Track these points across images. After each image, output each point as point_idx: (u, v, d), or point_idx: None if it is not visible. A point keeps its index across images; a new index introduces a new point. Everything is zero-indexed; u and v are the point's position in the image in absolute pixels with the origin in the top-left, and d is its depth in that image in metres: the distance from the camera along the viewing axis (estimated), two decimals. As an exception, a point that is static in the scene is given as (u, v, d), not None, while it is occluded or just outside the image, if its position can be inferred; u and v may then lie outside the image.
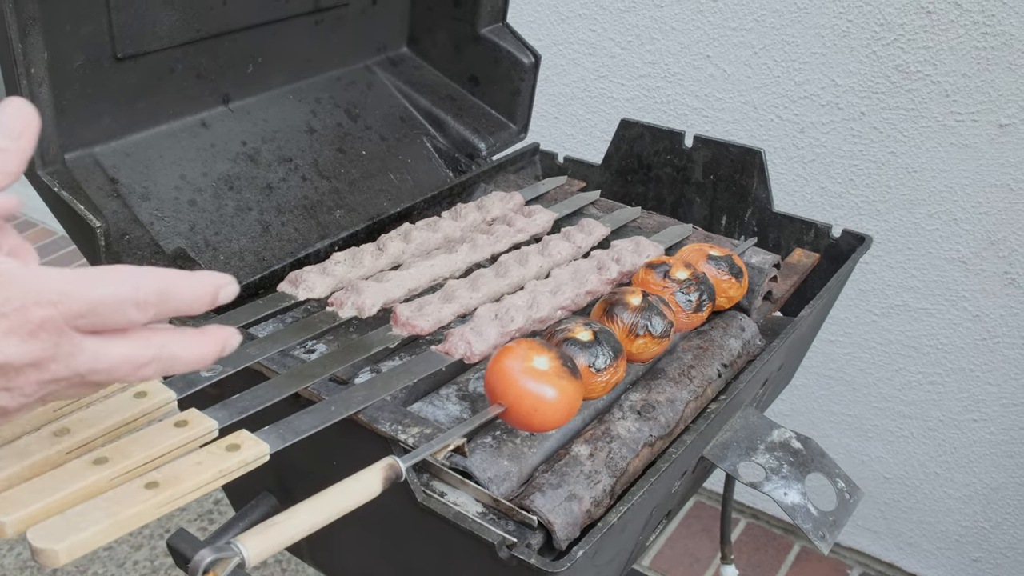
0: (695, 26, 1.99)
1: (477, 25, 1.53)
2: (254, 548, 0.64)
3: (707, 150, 1.42)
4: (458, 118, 1.57)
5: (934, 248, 1.89)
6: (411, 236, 1.18)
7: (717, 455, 1.04)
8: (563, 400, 0.87)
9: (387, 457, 0.77)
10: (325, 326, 1.02)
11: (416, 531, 0.90)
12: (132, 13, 1.14)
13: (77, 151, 1.16)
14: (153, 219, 1.20)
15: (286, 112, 1.41)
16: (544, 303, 1.05)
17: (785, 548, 2.37)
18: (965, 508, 2.10)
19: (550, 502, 0.85)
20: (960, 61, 1.73)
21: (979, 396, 1.97)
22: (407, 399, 1.01)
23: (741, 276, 1.15)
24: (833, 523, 1.03)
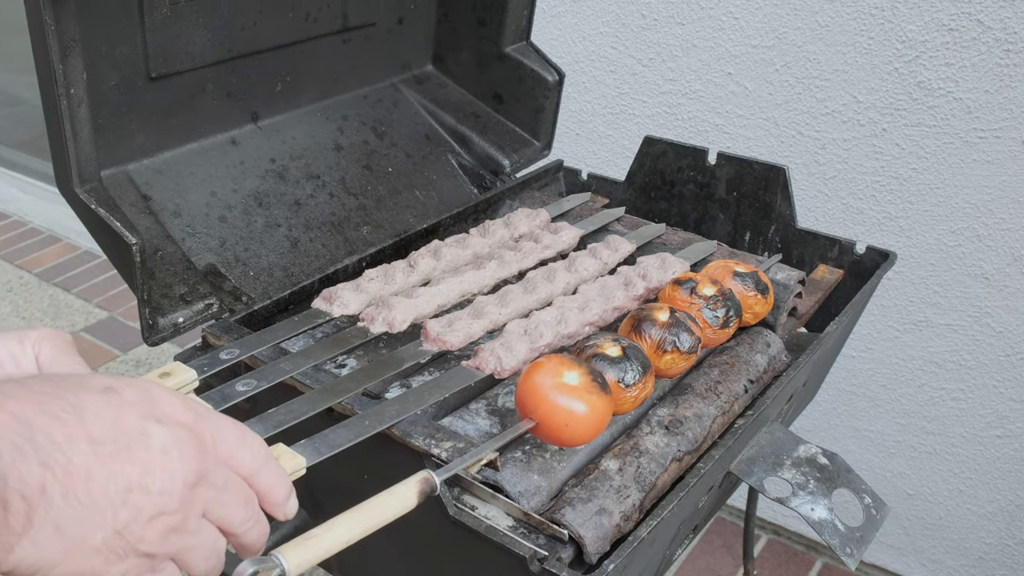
0: (716, 43, 2.00)
1: (501, 43, 1.55)
2: (294, 560, 0.65)
3: (730, 167, 1.43)
4: (483, 135, 1.59)
5: (957, 264, 1.89)
6: (441, 253, 1.19)
7: (744, 470, 1.04)
8: (593, 415, 0.88)
9: (422, 471, 0.78)
10: (356, 341, 1.03)
11: (447, 545, 0.91)
12: (166, 34, 1.17)
13: (111, 168, 1.19)
14: (185, 235, 1.22)
15: (314, 130, 1.43)
16: (572, 319, 1.06)
17: (807, 564, 2.36)
18: (989, 525, 2.08)
19: (580, 516, 0.86)
20: (982, 78, 1.73)
21: (1003, 412, 1.96)
22: (437, 413, 1.02)
23: (767, 292, 1.16)
24: (860, 539, 1.04)
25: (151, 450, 0.57)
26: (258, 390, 0.91)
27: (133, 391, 0.59)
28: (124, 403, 0.57)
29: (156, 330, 1.13)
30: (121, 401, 0.57)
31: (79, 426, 0.54)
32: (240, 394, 0.89)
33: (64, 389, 0.56)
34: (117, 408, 0.57)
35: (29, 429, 0.52)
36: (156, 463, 0.57)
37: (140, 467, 0.56)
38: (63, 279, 3.32)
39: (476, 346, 1.02)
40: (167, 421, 0.59)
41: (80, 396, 0.56)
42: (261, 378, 0.92)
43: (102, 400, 0.56)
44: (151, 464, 0.57)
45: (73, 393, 0.55)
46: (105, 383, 0.58)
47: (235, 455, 0.63)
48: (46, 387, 0.55)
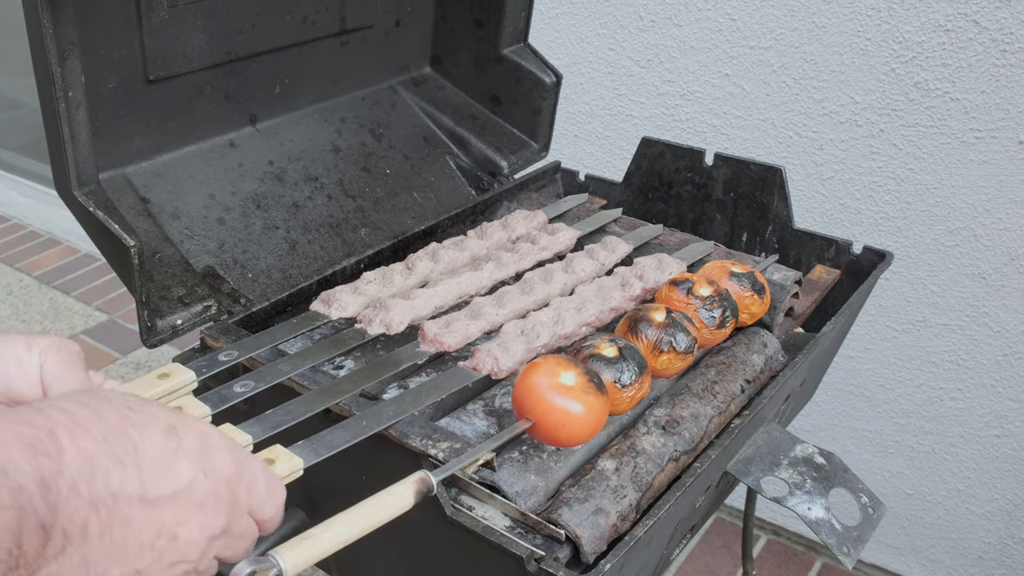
0: (714, 45, 2.01)
1: (499, 45, 1.55)
2: (291, 560, 0.65)
3: (727, 168, 1.43)
4: (480, 137, 1.59)
5: (954, 264, 1.89)
6: (438, 255, 1.20)
7: (741, 470, 1.05)
8: (590, 415, 0.89)
9: (419, 471, 0.78)
10: (354, 343, 1.03)
11: (445, 545, 0.91)
12: (164, 37, 1.17)
13: (110, 171, 1.19)
14: (183, 237, 1.22)
15: (312, 132, 1.43)
16: (569, 320, 1.07)
17: (807, 565, 2.36)
18: (988, 524, 2.09)
19: (577, 516, 0.86)
20: (979, 78, 1.74)
21: (1001, 412, 1.96)
22: (434, 414, 1.03)
23: (763, 293, 1.16)
24: (857, 538, 1.04)
25: (191, 503, 0.60)
26: (256, 391, 0.91)
27: (193, 437, 0.61)
28: (181, 449, 0.60)
29: (155, 332, 1.13)
30: (179, 447, 0.60)
31: (135, 470, 0.57)
32: (238, 395, 0.89)
33: (130, 426, 0.58)
34: (174, 455, 0.59)
35: (93, 471, 0.54)
36: (191, 516, 0.60)
37: (175, 517, 0.59)
38: (63, 282, 3.33)
39: (473, 347, 1.02)
40: (212, 474, 0.61)
41: (144, 435, 0.58)
42: (259, 379, 0.93)
43: (163, 443, 0.59)
44: (186, 516, 0.59)
45: (138, 431, 0.58)
46: (170, 421, 0.60)
47: (260, 507, 0.66)
48: (115, 418, 0.57)
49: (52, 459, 0.53)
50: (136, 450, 0.57)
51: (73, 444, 0.54)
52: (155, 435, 0.59)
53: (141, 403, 0.61)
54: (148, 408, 0.61)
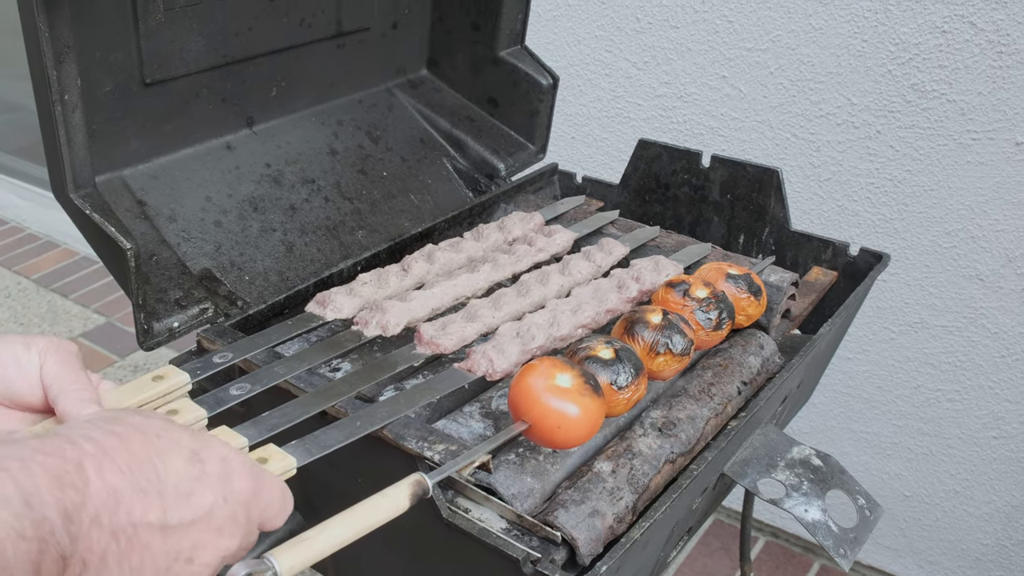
0: (711, 47, 2.01)
1: (496, 48, 1.55)
2: (286, 562, 0.65)
3: (724, 170, 1.43)
4: (477, 139, 1.59)
5: (952, 265, 1.89)
6: (435, 257, 1.20)
7: (737, 472, 1.05)
8: (586, 417, 0.89)
9: (414, 474, 0.78)
10: (350, 345, 1.03)
11: (441, 547, 0.91)
12: (160, 40, 1.17)
13: (106, 174, 1.19)
14: (180, 240, 1.22)
15: (309, 134, 1.43)
16: (565, 322, 1.07)
17: (805, 566, 2.36)
18: (986, 526, 2.09)
19: (573, 518, 0.86)
20: (976, 80, 1.74)
21: (999, 413, 1.96)
22: (431, 416, 1.03)
23: (760, 294, 1.16)
24: (854, 540, 1.04)
25: (210, 528, 0.61)
26: (252, 394, 0.91)
27: (215, 463, 0.62)
28: (204, 475, 0.61)
29: (151, 335, 1.13)
30: (201, 473, 0.61)
31: (157, 499, 0.58)
32: (234, 398, 0.89)
33: (155, 455, 0.59)
34: (196, 482, 0.60)
35: (116, 503, 0.55)
36: (209, 540, 0.61)
37: (194, 542, 0.60)
38: (61, 285, 3.33)
39: (468, 348, 1.02)
40: (232, 499, 0.62)
41: (168, 463, 0.59)
42: (255, 382, 0.93)
43: (185, 470, 0.60)
44: (204, 540, 0.61)
45: (162, 460, 0.59)
46: (193, 448, 0.61)
47: (271, 522, 0.68)
48: (141, 447, 0.58)
49: (78, 491, 0.53)
50: (159, 478, 0.58)
51: (99, 476, 0.55)
52: (178, 462, 0.60)
53: (167, 428, 0.61)
54: (173, 434, 0.61)
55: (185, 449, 0.61)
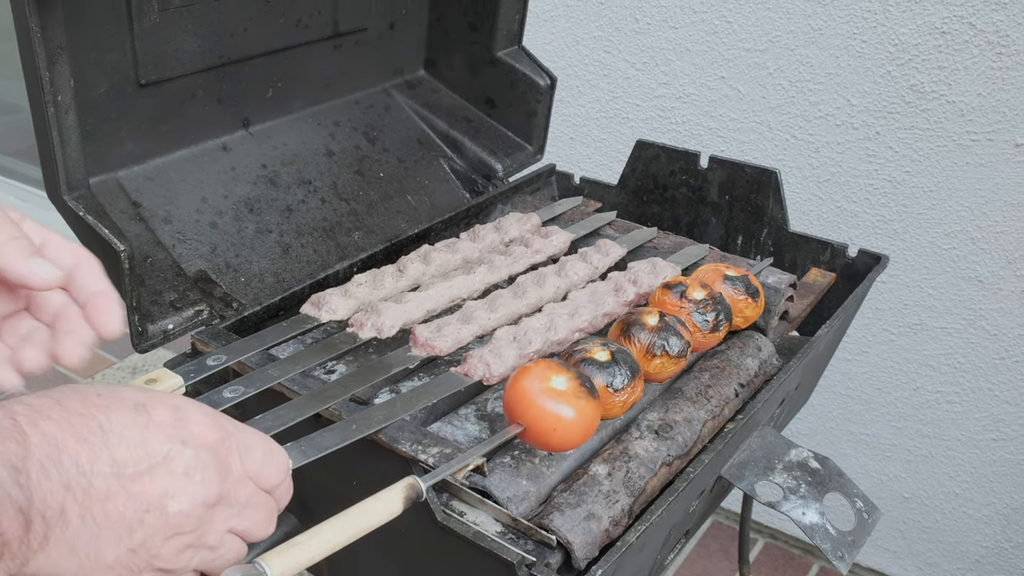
0: (709, 47, 2.00)
1: (493, 48, 1.55)
2: (278, 567, 0.65)
3: (723, 171, 1.43)
4: (475, 140, 1.59)
5: (951, 267, 1.89)
6: (430, 257, 1.19)
7: (735, 475, 1.04)
8: (581, 420, 0.88)
9: (408, 477, 0.78)
10: (345, 347, 1.03)
11: (436, 550, 0.90)
12: (155, 40, 1.17)
13: (101, 176, 1.18)
14: (175, 242, 1.22)
15: (305, 135, 1.43)
16: (562, 326, 1.06)
17: (804, 568, 2.36)
18: (985, 528, 2.08)
19: (569, 521, 0.86)
20: (975, 81, 1.73)
21: (998, 415, 1.96)
22: (426, 419, 1.02)
23: (757, 296, 1.16)
24: (852, 543, 1.03)
25: (173, 473, 0.59)
26: (246, 396, 0.91)
27: (163, 410, 0.60)
28: (152, 423, 0.59)
29: (146, 337, 1.12)
30: (149, 421, 0.59)
31: (104, 448, 0.56)
32: (228, 400, 0.89)
33: (95, 408, 0.57)
34: (144, 429, 0.58)
35: (57, 451, 0.54)
36: (177, 486, 0.59)
37: (160, 489, 0.58)
38: (59, 286, 3.32)
39: (465, 352, 1.02)
40: (193, 442, 0.60)
41: (110, 415, 0.57)
42: (249, 384, 0.92)
43: (131, 420, 0.58)
44: (172, 487, 0.59)
45: (103, 413, 0.57)
46: (137, 399, 0.60)
47: (261, 472, 0.66)
48: (77, 403, 0.57)
49: (19, 444, 0.52)
50: (103, 430, 0.56)
51: (35, 429, 0.54)
52: (122, 414, 0.58)
53: (109, 388, 0.60)
54: (116, 391, 0.60)
55: (129, 401, 0.59)
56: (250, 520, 0.65)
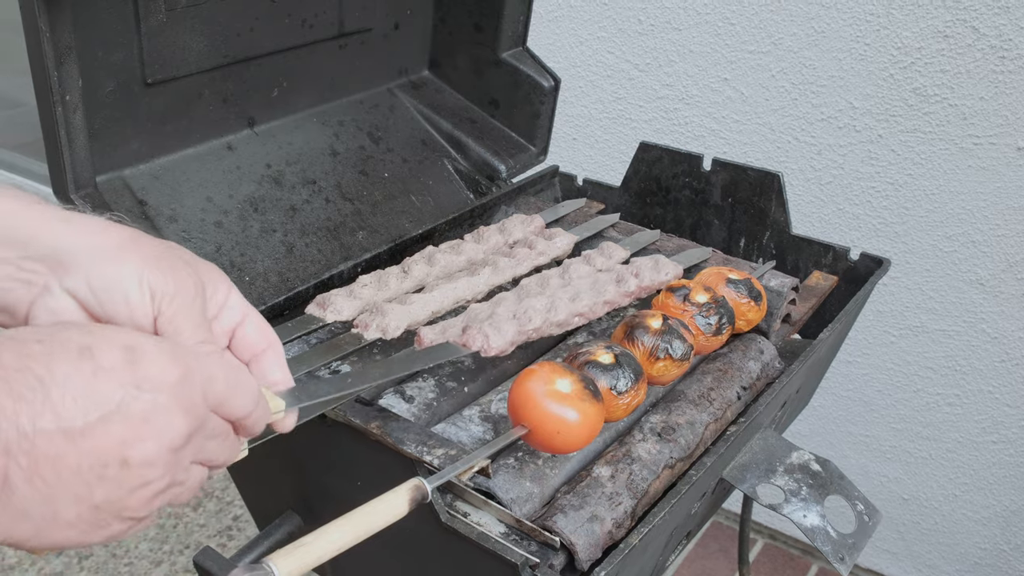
0: (713, 49, 2.01)
1: (498, 49, 1.55)
2: (285, 568, 0.65)
3: (725, 173, 1.43)
4: (479, 140, 1.59)
5: (952, 270, 1.89)
6: (435, 259, 1.20)
7: (736, 477, 1.05)
8: (585, 422, 0.89)
9: (413, 478, 0.78)
10: (350, 347, 1.03)
11: (440, 551, 0.91)
12: (162, 40, 1.17)
13: (107, 174, 1.19)
14: (180, 240, 1.22)
15: (310, 135, 1.43)
16: (562, 308, 1.07)
17: (803, 569, 2.36)
18: (984, 530, 2.09)
19: (572, 523, 0.86)
20: (977, 85, 1.74)
21: (998, 418, 1.96)
22: (430, 420, 1.03)
23: (760, 299, 1.16)
24: (852, 545, 1.04)
25: (130, 420, 0.53)
26: (251, 396, 0.91)
27: (112, 352, 0.54)
28: (99, 369, 0.53)
29: (151, 335, 1.13)
30: (96, 368, 0.53)
31: (45, 404, 0.50)
32: (233, 400, 0.89)
33: (31, 359, 0.51)
34: (91, 377, 0.52)
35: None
36: (135, 434, 0.53)
37: (116, 440, 0.53)
38: (61, 281, 3.32)
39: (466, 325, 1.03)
40: (149, 385, 0.54)
41: (51, 366, 0.51)
42: (255, 384, 0.92)
43: (74, 368, 0.52)
44: (130, 436, 0.53)
45: (42, 364, 0.51)
46: (82, 342, 0.53)
47: (227, 402, 0.60)
48: (12, 358, 0.51)
49: None
50: (42, 383, 0.51)
51: None
52: (64, 363, 0.52)
53: (50, 331, 0.54)
54: (57, 333, 0.54)
55: (72, 346, 0.53)
56: (215, 452, 0.60)
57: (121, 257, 0.61)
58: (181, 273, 0.63)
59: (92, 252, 0.61)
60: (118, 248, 0.62)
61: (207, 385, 0.58)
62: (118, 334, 0.55)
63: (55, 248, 0.61)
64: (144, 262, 0.62)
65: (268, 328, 0.72)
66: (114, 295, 0.60)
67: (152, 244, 0.64)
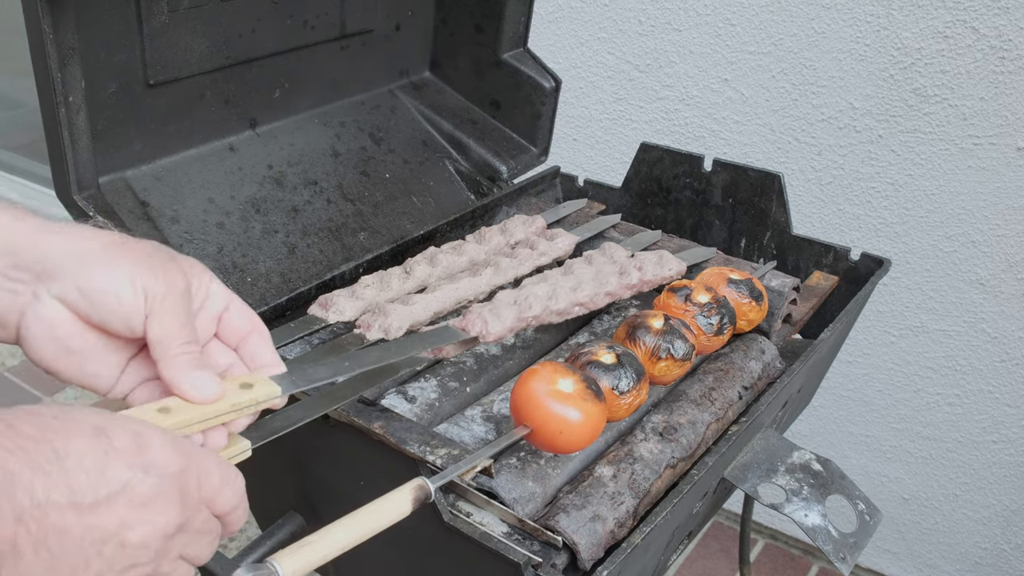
0: (713, 50, 2.01)
1: (499, 50, 1.56)
2: (289, 567, 0.66)
3: (726, 174, 1.44)
4: (480, 141, 1.59)
5: (952, 270, 1.90)
6: (437, 259, 1.20)
7: (738, 476, 1.05)
8: (587, 422, 0.89)
9: (417, 478, 0.78)
10: (353, 348, 1.03)
11: (442, 551, 0.91)
12: (164, 42, 1.17)
13: (110, 175, 1.19)
14: (183, 241, 1.22)
15: (311, 136, 1.43)
16: (563, 297, 1.07)
17: (804, 569, 2.37)
18: (984, 530, 2.09)
19: (574, 523, 0.87)
20: (977, 85, 1.74)
21: (998, 418, 1.97)
22: (433, 420, 1.03)
23: (761, 299, 1.17)
24: (853, 545, 1.04)
25: (132, 503, 0.56)
26: (255, 397, 0.91)
27: (124, 435, 0.57)
28: (112, 449, 0.56)
29: (154, 336, 1.13)
30: (109, 447, 0.56)
31: (60, 477, 0.53)
32: (237, 401, 0.89)
33: (52, 433, 0.54)
34: (103, 456, 0.55)
35: (11, 483, 0.51)
36: (136, 517, 0.56)
37: (118, 520, 0.56)
38: (62, 283, 3.32)
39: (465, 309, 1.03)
40: (154, 470, 0.58)
41: (68, 442, 0.54)
42: (258, 385, 0.93)
43: (89, 446, 0.55)
44: (130, 518, 0.56)
45: (61, 438, 0.54)
46: (96, 423, 0.57)
47: (216, 498, 0.63)
48: (32, 429, 0.54)
49: None
50: (59, 457, 0.53)
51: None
52: (80, 440, 0.55)
53: (66, 411, 0.57)
54: (72, 414, 0.57)
55: (87, 425, 0.56)
56: (201, 546, 0.63)
57: (111, 260, 0.64)
58: (171, 272, 0.67)
59: (81, 257, 0.64)
60: (107, 251, 0.65)
61: (203, 478, 0.61)
62: (128, 422, 0.59)
63: (42, 257, 0.64)
64: (135, 263, 0.65)
65: (252, 313, 0.74)
66: (107, 297, 0.64)
67: (139, 245, 0.67)
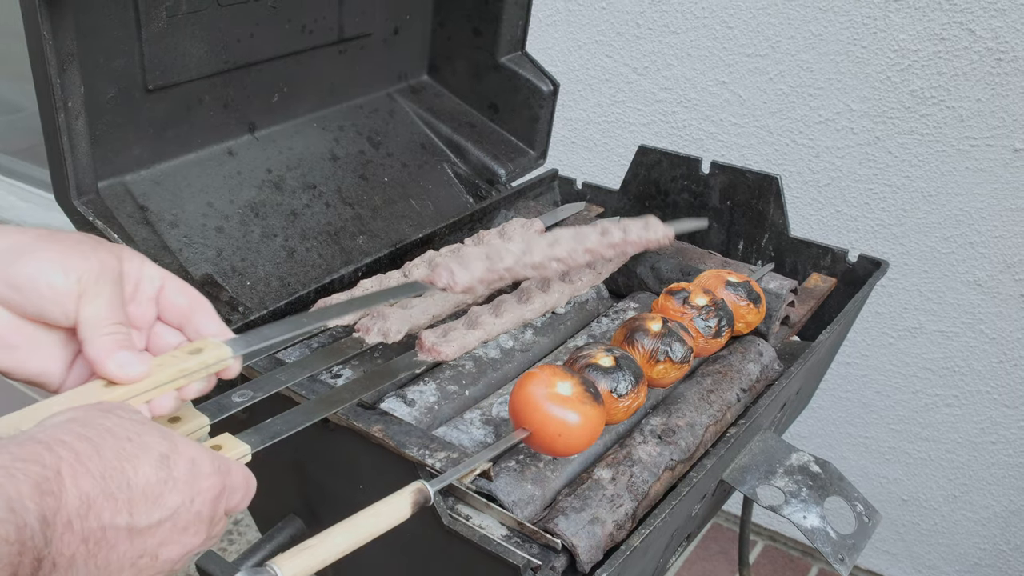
0: (711, 52, 2.01)
1: (496, 54, 1.56)
2: (290, 570, 0.66)
3: (724, 176, 1.44)
4: (478, 145, 1.60)
5: (950, 271, 1.90)
6: (435, 263, 1.20)
7: (737, 479, 1.05)
8: (586, 425, 0.89)
9: (416, 481, 0.79)
10: (352, 352, 1.04)
11: (442, 554, 0.91)
12: (163, 46, 1.18)
13: (109, 180, 1.19)
14: (182, 245, 1.22)
15: (310, 140, 1.44)
16: (538, 251, 1.07)
17: (803, 570, 2.37)
18: (983, 531, 2.09)
19: (573, 525, 0.87)
20: (974, 87, 1.75)
21: (996, 418, 1.97)
22: (431, 423, 1.03)
23: (759, 302, 1.17)
24: (852, 546, 1.04)
25: (176, 527, 0.62)
26: (254, 400, 0.91)
27: (182, 463, 0.63)
28: (171, 479, 0.62)
29: (153, 340, 1.13)
30: (169, 477, 0.61)
31: (125, 504, 0.59)
32: (236, 405, 0.89)
33: (126, 461, 0.59)
34: (163, 485, 0.61)
35: (87, 509, 0.57)
36: (174, 539, 0.62)
37: (159, 540, 0.61)
38: (61, 286, 3.32)
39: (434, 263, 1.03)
40: (199, 498, 0.63)
41: (138, 468, 0.60)
42: (257, 389, 0.93)
43: (155, 476, 0.61)
44: (169, 539, 0.62)
45: (132, 464, 0.59)
46: (162, 451, 0.62)
47: (235, 508, 0.69)
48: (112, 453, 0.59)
49: (55, 497, 0.55)
50: (129, 484, 0.59)
51: (74, 484, 0.56)
52: (148, 467, 0.60)
53: (138, 431, 0.62)
54: (144, 437, 0.62)
55: (155, 453, 0.61)
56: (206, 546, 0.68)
57: (40, 249, 0.68)
58: (102, 254, 0.70)
59: (11, 252, 0.67)
60: (36, 243, 0.68)
61: (231, 495, 0.67)
62: (188, 447, 0.64)
63: None
64: (65, 251, 0.68)
65: (190, 288, 0.78)
66: (38, 285, 0.67)
67: (69, 234, 0.71)
